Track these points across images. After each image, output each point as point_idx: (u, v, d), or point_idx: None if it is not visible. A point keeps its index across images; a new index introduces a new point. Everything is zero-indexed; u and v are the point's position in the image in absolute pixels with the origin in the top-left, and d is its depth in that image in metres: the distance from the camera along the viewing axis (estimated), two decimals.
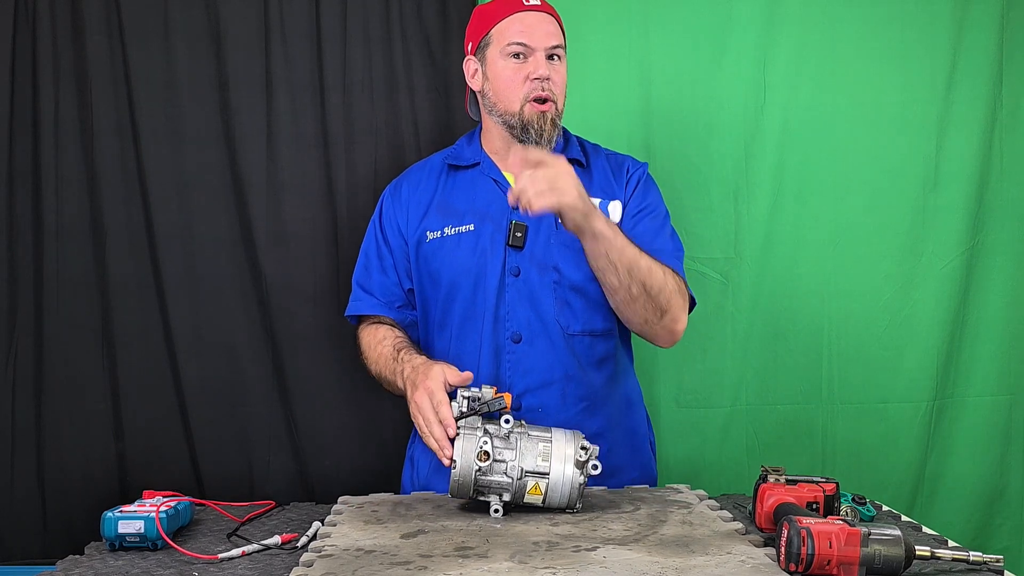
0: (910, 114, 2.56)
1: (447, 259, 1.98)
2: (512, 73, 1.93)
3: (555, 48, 1.94)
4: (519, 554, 1.44)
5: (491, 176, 2.02)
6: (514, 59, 1.93)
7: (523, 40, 1.92)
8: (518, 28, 1.93)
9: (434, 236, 2.00)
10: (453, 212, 2.00)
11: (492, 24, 1.96)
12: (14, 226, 2.44)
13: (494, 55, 1.95)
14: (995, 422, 2.60)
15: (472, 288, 1.96)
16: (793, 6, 2.52)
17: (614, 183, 2.02)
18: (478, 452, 1.63)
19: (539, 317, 1.94)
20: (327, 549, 1.48)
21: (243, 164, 2.48)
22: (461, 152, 2.08)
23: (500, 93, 1.96)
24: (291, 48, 2.48)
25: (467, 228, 1.98)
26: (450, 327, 2.00)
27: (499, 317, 1.95)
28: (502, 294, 1.95)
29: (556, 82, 1.94)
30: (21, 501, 2.44)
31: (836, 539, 1.34)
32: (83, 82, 2.44)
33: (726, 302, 2.56)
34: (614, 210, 1.98)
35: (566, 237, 1.90)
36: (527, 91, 1.92)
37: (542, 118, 1.93)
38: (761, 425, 2.56)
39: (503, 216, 1.96)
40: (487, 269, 1.95)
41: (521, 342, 1.94)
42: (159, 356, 2.48)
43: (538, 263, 1.95)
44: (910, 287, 2.58)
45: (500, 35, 1.94)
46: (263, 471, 2.50)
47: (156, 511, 1.58)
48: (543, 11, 1.95)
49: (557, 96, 1.94)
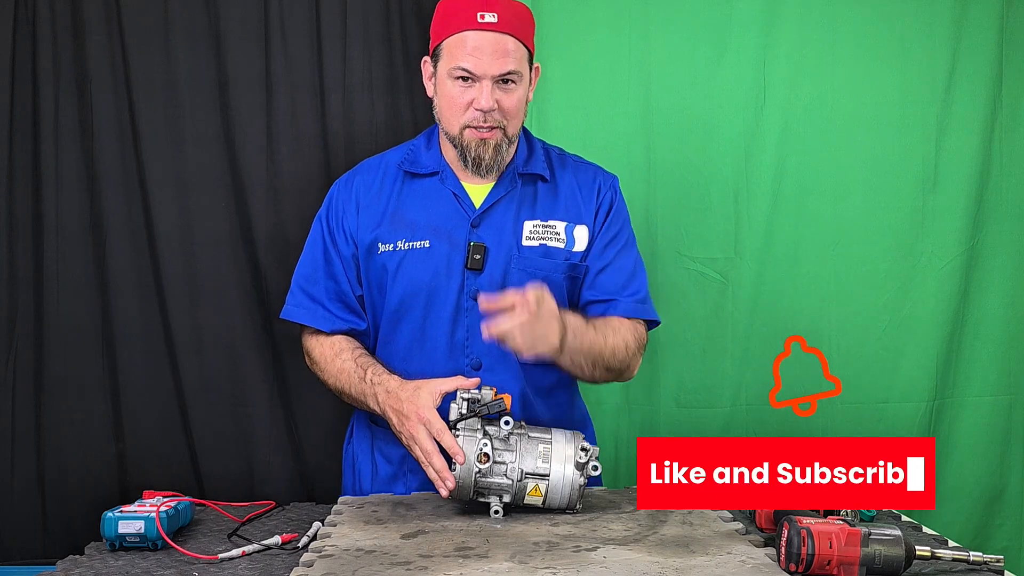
0: (909, 114, 2.56)
1: (399, 276, 1.87)
2: (456, 96, 1.80)
3: (507, 76, 1.78)
4: (519, 554, 1.44)
5: (451, 188, 1.89)
6: (460, 81, 1.79)
7: (469, 67, 1.77)
8: (466, 51, 1.77)
9: (386, 248, 1.87)
10: (407, 224, 1.88)
11: (446, 35, 1.81)
12: (14, 226, 2.44)
13: (443, 72, 1.81)
14: (995, 422, 2.60)
15: (423, 310, 1.86)
16: (793, 6, 2.52)
17: (582, 204, 1.92)
18: (478, 454, 1.63)
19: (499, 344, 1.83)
20: (327, 549, 1.48)
21: (243, 164, 2.48)
22: (418, 157, 1.93)
23: (443, 111, 1.84)
24: (291, 48, 2.48)
25: (421, 244, 1.86)
26: (395, 346, 1.90)
27: (456, 343, 1.86)
28: (459, 319, 1.86)
29: (507, 108, 1.80)
30: (21, 501, 2.44)
31: (836, 539, 1.35)
32: (83, 82, 2.44)
33: (726, 302, 2.56)
34: (580, 234, 1.90)
35: (527, 262, 1.86)
36: (468, 119, 1.80)
37: (482, 145, 1.81)
38: (761, 425, 2.56)
39: (461, 233, 1.86)
40: (440, 291, 1.85)
41: (481, 369, 1.86)
42: (159, 356, 2.48)
43: (499, 287, 1.83)
44: (910, 287, 2.58)
45: (449, 53, 1.80)
46: (263, 471, 2.50)
47: (156, 511, 1.58)
48: (499, 31, 1.77)
49: (508, 121, 1.82)
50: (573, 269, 1.90)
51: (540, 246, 1.88)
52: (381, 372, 1.82)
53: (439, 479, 1.65)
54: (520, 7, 1.85)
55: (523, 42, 1.82)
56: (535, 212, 1.90)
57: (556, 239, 1.89)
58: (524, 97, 1.85)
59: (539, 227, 1.89)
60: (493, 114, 1.80)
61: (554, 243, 1.89)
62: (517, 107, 1.83)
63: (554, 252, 1.89)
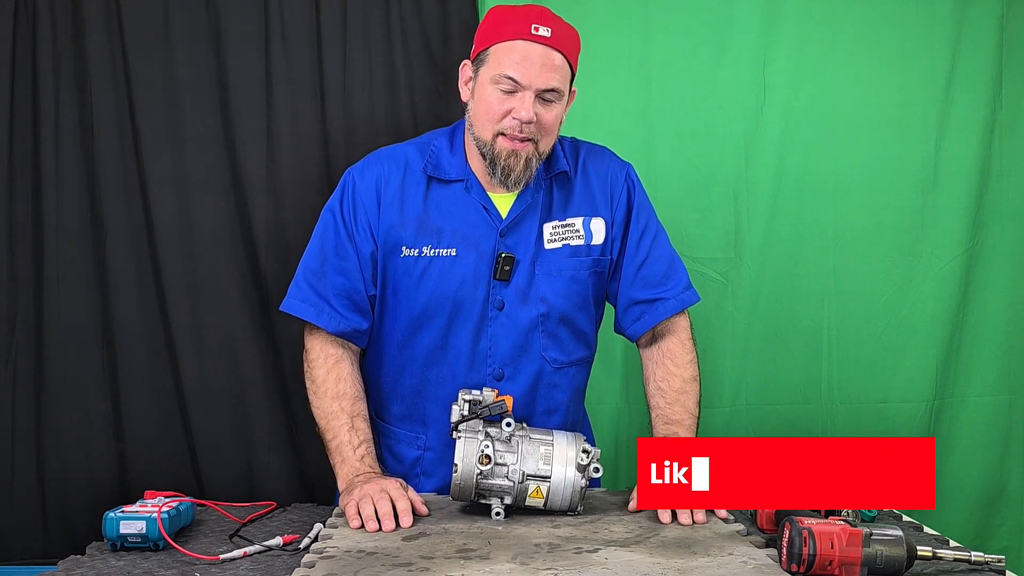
0: (909, 114, 2.56)
1: (423, 282, 1.83)
2: (495, 103, 1.76)
3: (550, 91, 1.76)
4: (520, 556, 1.44)
5: (478, 199, 1.85)
6: (502, 89, 1.76)
7: (516, 76, 1.74)
8: (516, 60, 1.74)
9: (410, 253, 1.83)
10: (432, 230, 1.84)
11: (494, 41, 1.77)
12: (14, 226, 2.44)
13: (485, 77, 1.78)
14: (995, 422, 2.61)
15: (448, 318, 1.84)
16: (793, 6, 2.53)
17: (597, 196, 1.90)
18: (479, 456, 1.63)
19: (524, 352, 1.85)
20: (329, 551, 1.48)
21: (243, 164, 2.48)
22: (441, 161, 1.88)
23: (478, 116, 1.80)
24: (291, 48, 2.48)
25: (448, 252, 1.83)
26: (415, 352, 1.87)
27: (479, 352, 1.85)
28: (483, 328, 1.84)
29: (545, 124, 1.78)
30: (21, 501, 2.44)
31: (838, 539, 1.35)
32: (83, 82, 2.44)
33: (726, 302, 2.57)
34: (596, 227, 1.89)
35: (552, 265, 1.86)
36: (503, 126, 1.77)
37: (514, 156, 1.78)
38: (761, 425, 2.56)
39: (488, 243, 1.84)
40: (467, 301, 1.83)
41: (503, 379, 1.85)
42: (159, 356, 2.48)
43: (523, 295, 1.84)
44: (909, 287, 2.58)
45: (496, 60, 1.76)
46: (263, 471, 2.51)
47: (158, 511, 1.58)
48: (550, 45, 1.75)
49: (543, 136, 1.79)
50: (596, 264, 1.90)
51: (563, 247, 1.88)
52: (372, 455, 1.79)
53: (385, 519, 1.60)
54: (572, 29, 1.82)
55: (569, 62, 1.80)
56: (552, 213, 1.88)
57: (576, 236, 1.89)
58: (561, 116, 1.83)
59: (559, 227, 1.88)
60: (530, 126, 1.76)
61: (575, 241, 1.88)
62: (553, 124, 1.81)
63: (577, 250, 1.88)
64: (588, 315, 1.92)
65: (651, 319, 1.92)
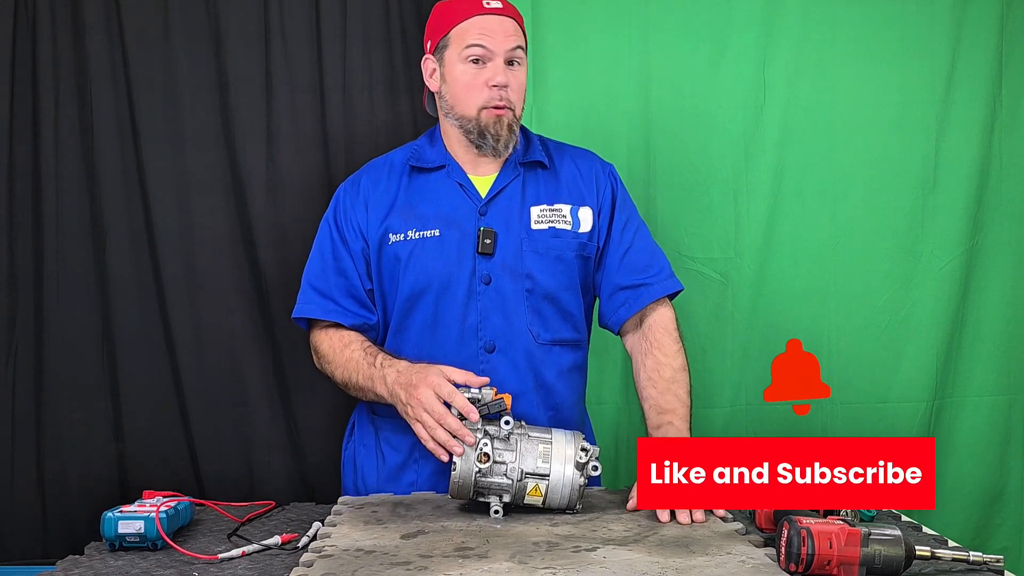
0: (909, 114, 2.56)
1: (411, 264, 1.92)
2: (470, 78, 1.89)
3: (515, 50, 1.90)
4: (519, 554, 1.44)
5: (457, 180, 1.96)
6: (473, 64, 1.88)
7: (482, 43, 1.87)
8: (478, 31, 1.88)
9: (397, 239, 1.93)
10: (417, 215, 1.94)
11: (451, 25, 1.91)
12: (14, 226, 2.44)
13: (452, 58, 1.90)
14: (995, 422, 2.60)
15: (436, 296, 1.91)
16: (793, 6, 2.52)
17: (584, 188, 2.00)
18: (478, 454, 1.63)
19: (511, 326, 1.91)
20: (327, 549, 1.48)
21: (243, 164, 2.48)
22: (423, 153, 2.01)
23: (458, 97, 1.92)
24: (291, 48, 2.49)
25: (432, 233, 1.92)
26: (408, 333, 1.94)
27: (468, 327, 1.91)
28: (471, 303, 1.91)
29: (514, 88, 1.91)
30: (21, 501, 2.44)
31: (836, 539, 1.35)
32: (83, 82, 2.44)
33: (726, 302, 2.56)
34: (584, 216, 1.97)
35: (538, 244, 1.92)
36: (485, 98, 1.89)
37: (498, 123, 1.90)
38: (761, 425, 2.56)
39: (470, 222, 1.93)
40: (453, 278, 1.91)
41: (495, 352, 1.91)
42: (159, 356, 2.48)
43: (510, 270, 1.91)
44: (909, 287, 2.58)
45: (459, 38, 1.89)
46: (263, 471, 2.50)
47: (156, 511, 1.58)
48: (504, 14, 1.91)
49: (515, 103, 1.92)
50: (583, 248, 1.96)
51: (549, 228, 1.95)
52: (390, 357, 1.87)
53: (453, 442, 1.66)
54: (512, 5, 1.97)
55: (521, 30, 1.94)
56: (540, 198, 1.97)
57: (563, 221, 1.96)
58: (526, 80, 1.95)
59: (546, 211, 1.96)
60: (506, 90, 1.89)
61: (562, 225, 1.96)
62: (521, 87, 1.94)
63: (563, 233, 1.95)
64: (575, 297, 1.97)
65: (636, 303, 1.96)
